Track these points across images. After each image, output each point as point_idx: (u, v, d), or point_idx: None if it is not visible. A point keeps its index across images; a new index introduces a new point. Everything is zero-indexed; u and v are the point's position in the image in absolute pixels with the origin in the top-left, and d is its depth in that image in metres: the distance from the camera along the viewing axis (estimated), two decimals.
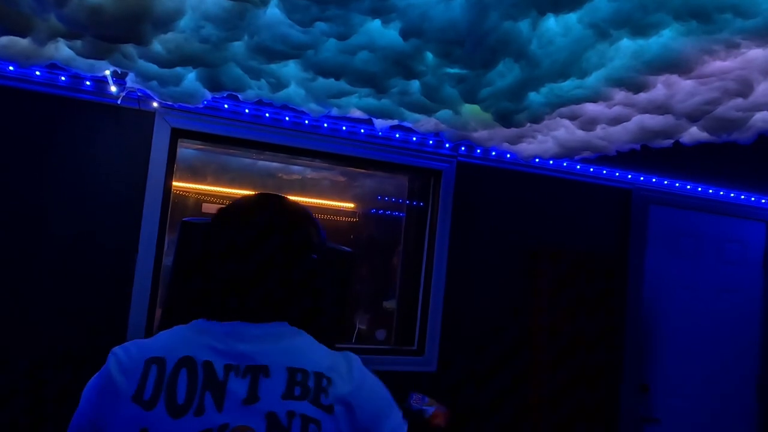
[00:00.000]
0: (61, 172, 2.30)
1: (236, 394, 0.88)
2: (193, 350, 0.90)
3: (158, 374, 0.88)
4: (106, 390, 0.91)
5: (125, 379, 0.89)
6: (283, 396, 0.89)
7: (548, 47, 1.34)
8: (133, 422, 0.86)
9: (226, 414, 0.86)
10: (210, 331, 0.94)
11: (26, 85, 2.26)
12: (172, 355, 0.90)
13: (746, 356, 3.65)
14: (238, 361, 0.90)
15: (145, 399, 0.86)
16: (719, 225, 3.58)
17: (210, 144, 2.65)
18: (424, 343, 2.88)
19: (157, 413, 0.85)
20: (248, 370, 0.90)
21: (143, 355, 0.91)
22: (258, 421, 0.86)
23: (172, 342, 0.93)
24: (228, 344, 0.92)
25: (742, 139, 1.88)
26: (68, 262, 2.29)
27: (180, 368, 0.88)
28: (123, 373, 0.90)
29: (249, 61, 1.56)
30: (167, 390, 0.87)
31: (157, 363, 0.89)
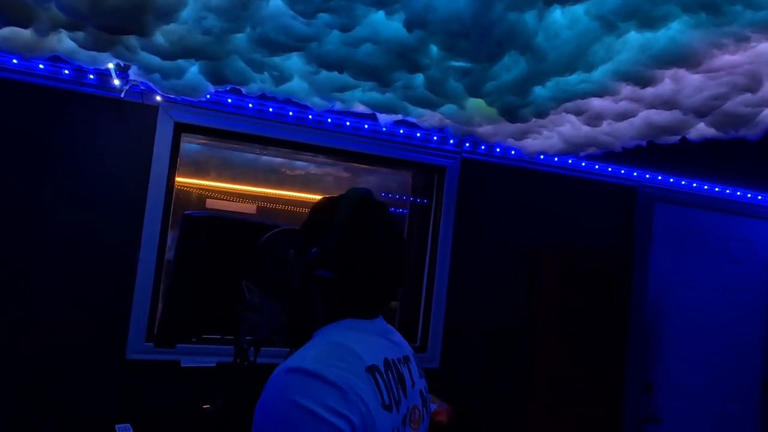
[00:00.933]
0: (64, 166, 2.29)
1: (408, 381, 1.03)
2: (383, 352, 1.00)
3: (383, 380, 0.95)
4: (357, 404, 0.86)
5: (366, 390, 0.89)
6: (419, 375, 1.11)
7: (554, 40, 1.32)
8: (386, 427, 0.92)
9: (408, 399, 1.02)
10: (374, 331, 1.03)
11: (29, 78, 2.25)
12: (378, 361, 0.96)
13: (751, 356, 3.62)
14: (397, 354, 1.05)
15: (387, 404, 0.93)
16: (725, 223, 3.55)
17: (213, 138, 2.64)
18: (427, 339, 2.87)
19: (394, 413, 0.95)
20: (404, 360, 1.06)
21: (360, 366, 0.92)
22: (418, 398, 1.06)
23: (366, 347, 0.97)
24: (389, 340, 1.05)
25: (750, 135, 1.86)
26: (70, 256, 2.28)
27: (387, 371, 0.98)
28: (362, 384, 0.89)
29: (252, 54, 1.55)
30: (390, 391, 0.96)
31: (376, 371, 0.94)
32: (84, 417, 2.26)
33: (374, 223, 1.03)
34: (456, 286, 2.91)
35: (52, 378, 2.25)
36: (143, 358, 2.36)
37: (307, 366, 0.85)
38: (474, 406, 2.91)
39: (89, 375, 2.29)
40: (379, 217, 1.05)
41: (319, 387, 0.84)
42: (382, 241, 1.03)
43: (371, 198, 1.08)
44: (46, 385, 2.24)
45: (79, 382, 2.28)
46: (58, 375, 2.25)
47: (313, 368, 0.85)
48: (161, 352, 2.35)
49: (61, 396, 2.25)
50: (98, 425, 2.21)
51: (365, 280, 1.01)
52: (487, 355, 2.97)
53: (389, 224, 1.05)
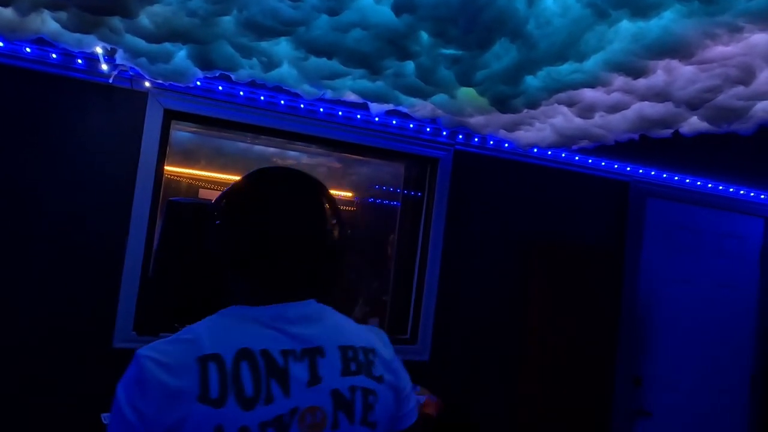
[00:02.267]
0: (51, 152, 2.26)
1: (299, 378, 0.90)
2: (246, 341, 0.90)
3: (219, 371, 0.86)
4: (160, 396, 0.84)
5: (180, 381, 0.84)
6: (342, 373, 0.94)
7: (546, 28, 1.30)
8: (205, 422, 0.84)
9: (293, 398, 0.89)
10: (255, 318, 0.93)
11: (16, 62, 2.22)
12: (226, 350, 0.88)
13: (740, 351, 3.64)
14: (292, 345, 0.92)
15: (213, 398, 0.84)
16: (717, 219, 3.56)
17: (204, 127, 2.62)
18: (417, 332, 2.86)
19: (229, 409, 0.85)
20: (305, 353, 0.93)
21: (190, 354, 0.86)
22: (325, 399, 0.91)
23: (218, 336, 0.89)
24: (279, 329, 0.93)
25: (743, 130, 1.85)
26: (57, 243, 2.26)
27: (240, 362, 0.88)
28: (175, 375, 0.84)
29: (239, 38, 1.52)
30: (233, 385, 0.86)
31: (213, 360, 0.86)
32: (70, 405, 2.25)
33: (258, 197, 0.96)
34: (447, 278, 2.90)
35: (38, 366, 2.22)
36: (131, 346, 2.34)
37: (141, 350, 0.89)
38: (463, 399, 2.91)
39: (76, 363, 2.27)
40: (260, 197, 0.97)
41: (133, 372, 0.87)
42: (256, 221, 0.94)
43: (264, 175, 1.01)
44: (31, 372, 2.22)
45: (66, 370, 2.26)
46: (44, 363, 2.23)
47: (140, 353, 0.88)
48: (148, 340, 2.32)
49: (46, 384, 2.23)
50: (84, 414, 2.20)
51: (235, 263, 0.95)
52: (477, 348, 2.96)
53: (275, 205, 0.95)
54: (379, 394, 0.98)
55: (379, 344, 1.03)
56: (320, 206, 0.99)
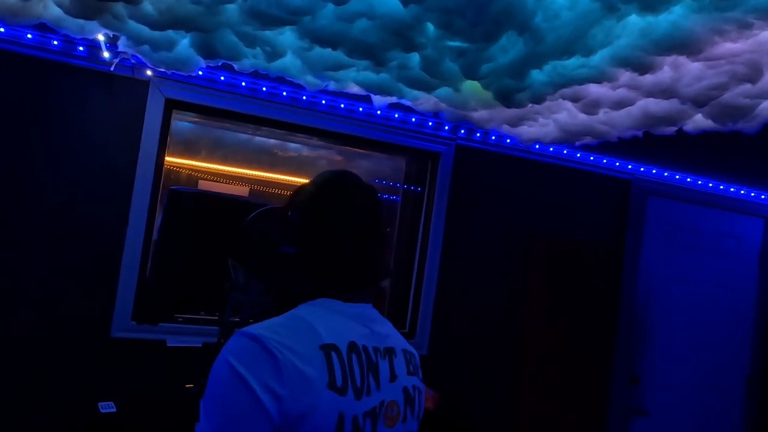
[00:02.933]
0: (51, 139, 2.25)
1: (385, 374, 0.98)
2: (351, 335, 0.95)
3: (339, 361, 0.90)
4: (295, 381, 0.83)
5: (311, 367, 0.85)
6: (407, 373, 1.03)
7: (553, 21, 1.29)
8: (332, 409, 0.86)
9: (382, 392, 0.96)
10: (348, 314, 0.98)
11: (17, 48, 2.20)
12: (340, 341, 0.92)
13: (737, 351, 3.64)
14: (378, 343, 0.99)
15: (338, 386, 0.88)
16: (717, 219, 3.55)
17: (205, 117, 2.60)
18: (415, 326, 2.86)
19: (349, 398, 0.89)
20: (386, 351, 1.00)
21: (313, 341, 0.88)
22: (399, 395, 1.00)
23: (330, 327, 0.93)
24: (368, 327, 0.99)
25: (747, 129, 1.84)
26: (56, 231, 2.25)
27: (351, 354, 0.92)
28: (305, 361, 0.85)
29: (243, 27, 1.51)
30: (350, 375, 0.90)
31: (334, 350, 0.90)
32: (67, 393, 2.24)
33: (339, 202, 1.01)
34: (446, 273, 2.90)
35: (36, 355, 2.22)
36: (129, 336, 2.33)
37: (253, 331, 0.86)
38: (461, 394, 2.91)
39: (73, 352, 2.26)
40: (347, 197, 1.02)
41: (257, 353, 0.84)
42: (347, 220, 1.00)
43: (344, 178, 1.06)
44: (29, 361, 2.21)
45: (63, 359, 2.25)
46: (41, 351, 2.22)
47: (257, 333, 0.85)
48: (147, 330, 2.32)
49: (44, 372, 2.22)
50: (81, 402, 2.19)
51: (328, 259, 0.98)
52: (475, 343, 2.96)
53: (359, 205, 1.02)
54: (422, 394, 1.08)
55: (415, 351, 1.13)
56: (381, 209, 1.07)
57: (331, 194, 1.02)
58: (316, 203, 1.02)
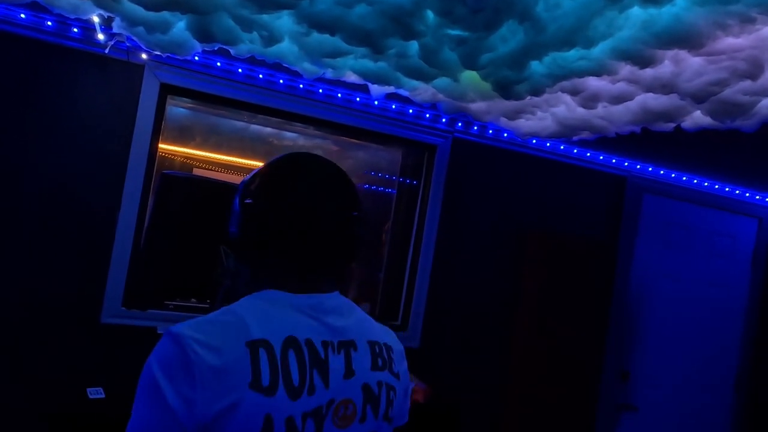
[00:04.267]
0: (43, 121, 2.22)
1: (337, 370, 0.90)
2: (291, 329, 0.88)
3: (270, 358, 0.83)
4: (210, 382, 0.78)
5: (231, 366, 0.80)
6: (371, 368, 0.95)
7: (555, 11, 1.28)
8: (256, 410, 0.80)
9: (331, 390, 0.88)
10: (295, 306, 0.91)
11: (10, 28, 2.16)
12: (274, 337, 0.85)
13: (727, 350, 3.66)
14: (330, 336, 0.91)
15: (265, 386, 0.81)
16: (711, 218, 3.56)
17: (200, 103, 2.57)
18: (408, 318, 2.85)
19: (279, 398, 0.82)
20: (341, 345, 0.92)
21: (239, 338, 0.82)
22: (356, 392, 0.92)
23: (264, 321, 0.86)
24: (318, 320, 0.91)
25: (746, 127, 1.83)
26: (46, 215, 2.22)
27: (287, 350, 0.85)
28: (225, 359, 0.80)
29: (240, 10, 1.49)
30: (283, 373, 0.83)
31: (263, 346, 0.83)
32: (56, 379, 2.22)
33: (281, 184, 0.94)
34: (440, 266, 2.89)
35: (24, 340, 2.19)
36: (119, 322, 2.31)
37: (176, 330, 0.82)
38: (452, 386, 2.91)
39: (62, 337, 2.24)
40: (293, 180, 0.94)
41: (173, 354, 0.80)
42: (288, 203, 0.92)
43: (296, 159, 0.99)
44: (17, 346, 2.19)
45: (52, 344, 2.23)
46: (29, 335, 2.20)
47: (178, 333, 0.81)
48: (137, 317, 2.30)
49: (32, 357, 2.20)
50: (70, 388, 2.17)
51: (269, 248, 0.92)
52: (467, 336, 2.96)
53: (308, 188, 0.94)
54: (397, 391, 1.00)
55: (394, 342, 1.05)
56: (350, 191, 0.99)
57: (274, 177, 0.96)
58: (258, 187, 0.96)
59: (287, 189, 0.93)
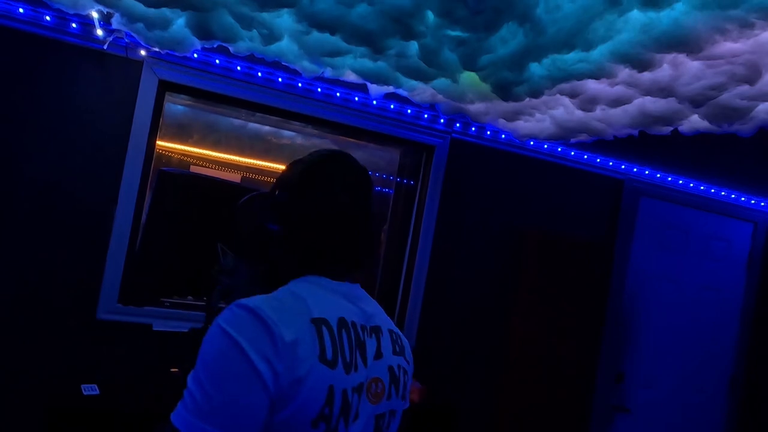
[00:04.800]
0: (41, 116, 2.21)
1: (371, 351, 0.99)
2: (341, 311, 0.96)
3: (330, 335, 0.91)
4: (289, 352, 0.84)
5: (303, 339, 0.86)
6: (393, 352, 1.04)
7: (555, 13, 1.28)
8: (322, 381, 0.87)
9: (369, 369, 0.97)
10: (338, 291, 0.99)
11: (9, 22, 2.16)
12: (330, 316, 0.93)
13: (722, 353, 3.67)
14: (365, 321, 1.00)
15: (329, 359, 0.89)
16: (707, 222, 3.57)
17: (199, 100, 2.57)
18: (404, 317, 2.85)
19: (338, 372, 0.90)
20: (372, 330, 1.01)
21: (304, 315, 0.89)
22: (384, 373, 1.01)
23: (320, 302, 0.94)
24: (356, 305, 1.00)
25: (743, 131, 1.84)
26: (43, 210, 2.21)
27: (341, 329, 0.94)
28: (297, 333, 0.86)
29: (240, 7, 1.48)
30: (340, 349, 0.91)
31: (325, 324, 0.91)
32: (50, 375, 2.21)
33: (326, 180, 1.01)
34: (436, 267, 2.89)
35: (19, 334, 2.19)
36: (114, 318, 2.31)
37: (248, 303, 0.86)
38: (447, 387, 2.91)
39: (57, 332, 2.24)
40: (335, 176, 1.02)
41: (254, 324, 0.84)
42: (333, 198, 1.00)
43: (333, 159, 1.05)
44: (12, 342, 2.18)
45: (47, 339, 2.22)
46: (24, 331, 2.19)
47: (253, 305, 0.86)
48: (133, 313, 2.30)
49: (27, 353, 2.20)
50: (64, 384, 2.17)
51: (313, 236, 0.99)
52: (462, 337, 2.96)
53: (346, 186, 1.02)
54: (409, 374, 1.09)
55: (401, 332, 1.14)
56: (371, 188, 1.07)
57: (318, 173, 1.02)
58: (303, 182, 1.01)
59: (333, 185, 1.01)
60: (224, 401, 0.80)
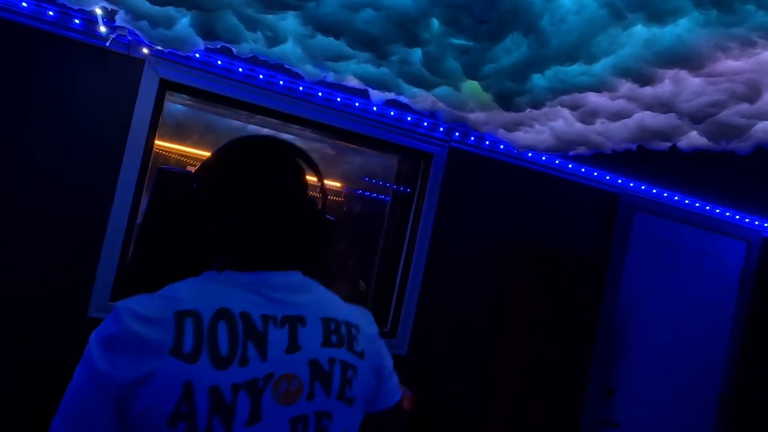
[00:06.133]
0: (40, 111, 2.20)
1: (278, 344, 0.88)
2: (226, 301, 0.88)
3: (195, 327, 0.84)
4: (134, 347, 0.82)
5: (155, 333, 0.82)
6: (322, 344, 0.92)
7: (559, 25, 1.29)
8: (174, 376, 0.81)
9: (270, 363, 0.87)
10: (237, 282, 0.91)
11: (11, 16, 2.15)
12: (205, 308, 0.86)
13: (711, 370, 3.68)
14: (273, 311, 0.91)
15: (186, 352, 0.82)
16: (700, 239, 3.59)
17: (199, 100, 2.57)
18: (397, 326, 2.85)
19: (201, 366, 0.82)
20: (285, 320, 0.91)
21: (169, 309, 0.85)
22: (302, 368, 0.89)
23: (199, 294, 0.88)
24: (262, 295, 0.91)
25: (741, 149, 1.85)
26: (37, 205, 2.20)
27: (218, 320, 0.86)
28: (150, 327, 0.83)
29: (246, 9, 1.49)
30: (208, 342, 0.84)
31: (191, 316, 0.85)
32: (40, 372, 2.19)
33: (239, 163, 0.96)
34: (431, 275, 2.89)
35: (9, 333, 2.17)
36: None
37: (119, 302, 0.87)
38: (438, 395, 2.90)
39: (47, 329, 2.21)
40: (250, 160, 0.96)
41: (107, 323, 0.85)
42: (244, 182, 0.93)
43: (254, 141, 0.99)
44: (2, 340, 2.16)
45: (37, 336, 2.20)
46: (13, 327, 2.17)
47: (117, 304, 0.86)
48: None
49: (16, 350, 2.17)
50: (53, 383, 2.14)
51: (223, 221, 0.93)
52: (455, 346, 2.96)
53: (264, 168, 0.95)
54: (359, 370, 0.96)
55: (363, 321, 1.03)
56: (300, 172, 0.99)
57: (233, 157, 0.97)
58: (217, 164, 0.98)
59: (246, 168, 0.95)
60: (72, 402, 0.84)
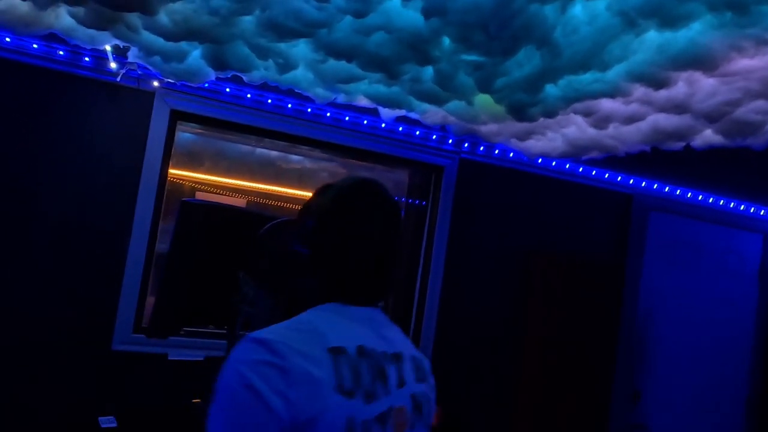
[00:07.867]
0: (55, 149, 2.22)
1: (392, 379, 0.95)
2: (360, 338, 0.93)
3: (348, 364, 0.89)
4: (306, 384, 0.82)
5: (320, 370, 0.84)
6: (416, 380, 1.01)
7: (572, 36, 1.29)
8: (341, 412, 0.85)
9: (390, 397, 0.94)
10: (357, 317, 0.97)
11: (23, 58, 2.18)
12: (348, 344, 0.91)
13: (738, 369, 3.62)
14: (385, 347, 0.97)
15: (347, 389, 0.87)
16: (717, 234, 3.56)
17: (209, 128, 2.59)
18: (418, 340, 2.83)
19: (357, 402, 0.87)
20: (394, 357, 0.98)
21: (321, 345, 0.87)
22: (407, 401, 0.97)
23: (338, 330, 0.92)
24: (375, 331, 0.98)
25: (756, 145, 1.85)
26: (58, 242, 2.22)
27: (360, 357, 0.91)
28: (313, 364, 0.84)
29: (257, 39, 1.50)
30: (360, 379, 0.89)
31: (342, 353, 0.89)
32: (67, 407, 2.19)
33: (357, 206, 1.00)
34: (449, 289, 2.88)
35: (35, 367, 2.17)
36: (129, 349, 2.29)
37: (260, 336, 0.86)
38: (462, 408, 2.88)
39: (73, 364, 2.22)
40: (366, 201, 1.01)
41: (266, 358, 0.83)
42: (363, 223, 0.99)
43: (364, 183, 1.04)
44: (28, 373, 2.17)
45: (63, 372, 2.21)
46: (41, 364, 2.18)
47: (264, 338, 0.85)
48: (148, 343, 2.28)
49: (43, 385, 2.18)
50: (81, 417, 2.15)
51: (340, 263, 0.98)
52: (476, 357, 2.94)
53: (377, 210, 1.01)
54: (432, 402, 1.06)
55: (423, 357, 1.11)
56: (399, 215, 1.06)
57: (349, 201, 1.01)
58: (334, 210, 1.00)
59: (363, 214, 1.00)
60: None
